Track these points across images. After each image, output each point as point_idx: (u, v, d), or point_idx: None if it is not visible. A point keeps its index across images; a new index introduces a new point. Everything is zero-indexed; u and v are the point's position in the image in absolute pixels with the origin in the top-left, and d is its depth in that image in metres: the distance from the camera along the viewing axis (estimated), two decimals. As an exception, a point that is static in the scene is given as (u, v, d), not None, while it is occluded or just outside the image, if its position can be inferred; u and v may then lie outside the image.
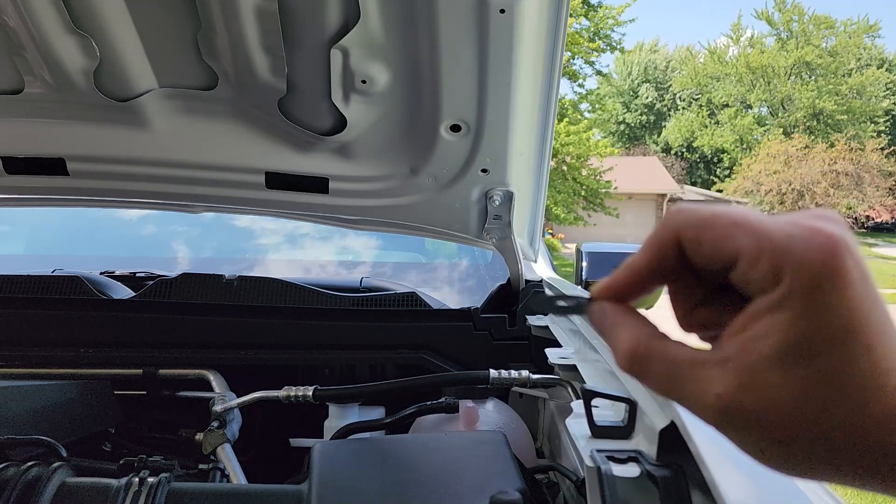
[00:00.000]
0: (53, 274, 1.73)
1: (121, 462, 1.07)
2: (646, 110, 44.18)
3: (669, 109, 43.31)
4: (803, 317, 0.32)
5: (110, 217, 2.70)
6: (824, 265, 0.32)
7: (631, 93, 44.52)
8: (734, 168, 33.73)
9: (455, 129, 1.32)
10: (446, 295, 2.14)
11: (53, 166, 1.49)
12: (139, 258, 2.48)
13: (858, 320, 0.32)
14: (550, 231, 21.38)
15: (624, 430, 0.77)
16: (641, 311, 0.40)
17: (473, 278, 2.42)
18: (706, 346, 0.40)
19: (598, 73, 20.29)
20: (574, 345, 1.29)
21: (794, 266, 0.32)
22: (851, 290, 0.32)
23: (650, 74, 44.63)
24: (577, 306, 0.43)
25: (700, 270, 0.37)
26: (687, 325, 0.41)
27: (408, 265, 2.64)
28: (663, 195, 30.33)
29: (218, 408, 1.35)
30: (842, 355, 0.31)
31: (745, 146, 35.91)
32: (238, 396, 1.38)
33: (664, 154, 41.26)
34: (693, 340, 0.40)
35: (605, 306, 0.40)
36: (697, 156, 41.13)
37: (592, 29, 17.81)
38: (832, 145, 27.51)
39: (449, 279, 2.47)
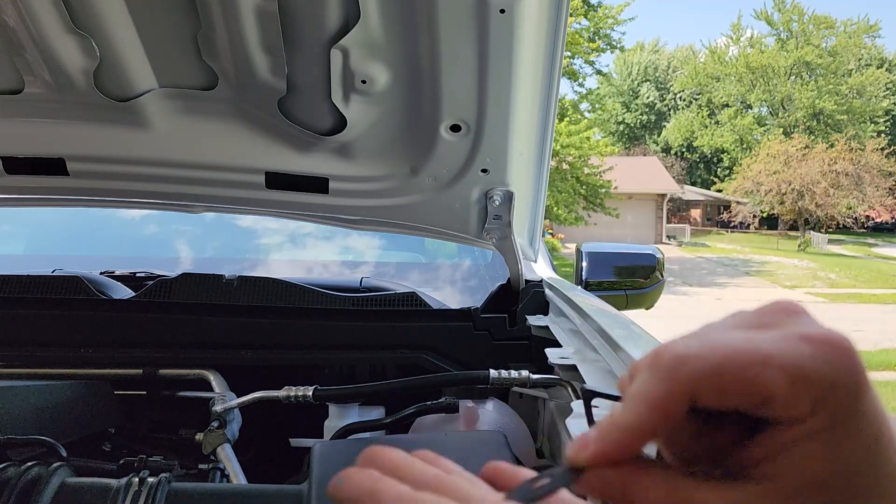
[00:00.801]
0: (53, 274, 1.73)
1: (121, 462, 1.08)
2: (646, 110, 44.21)
3: (670, 109, 43.34)
4: (843, 440, 0.31)
5: (110, 217, 2.70)
6: (857, 387, 0.32)
7: (631, 93, 44.55)
8: (734, 168, 33.76)
9: (455, 129, 1.32)
10: (446, 295, 2.14)
11: (53, 166, 1.49)
12: (139, 258, 2.48)
13: (880, 423, 0.32)
14: (550, 231, 21.41)
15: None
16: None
17: (473, 278, 2.42)
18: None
19: (598, 72, 20.32)
20: (574, 345, 1.29)
21: (832, 397, 0.31)
22: (873, 399, 0.32)
23: (650, 74, 44.66)
24: (564, 482, 0.36)
25: (709, 414, 0.34)
26: (681, 463, 0.37)
27: (408, 265, 2.64)
28: (663, 195, 30.37)
29: (218, 408, 1.35)
30: (873, 463, 0.32)
31: (744, 146, 35.95)
32: (238, 396, 1.38)
33: (664, 154, 41.29)
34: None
35: (608, 475, 0.35)
36: (697, 156, 41.17)
37: (592, 28, 17.84)
38: (832, 145, 27.52)
39: (449, 279, 2.47)
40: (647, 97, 43.87)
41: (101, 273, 1.88)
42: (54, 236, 2.78)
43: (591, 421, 0.79)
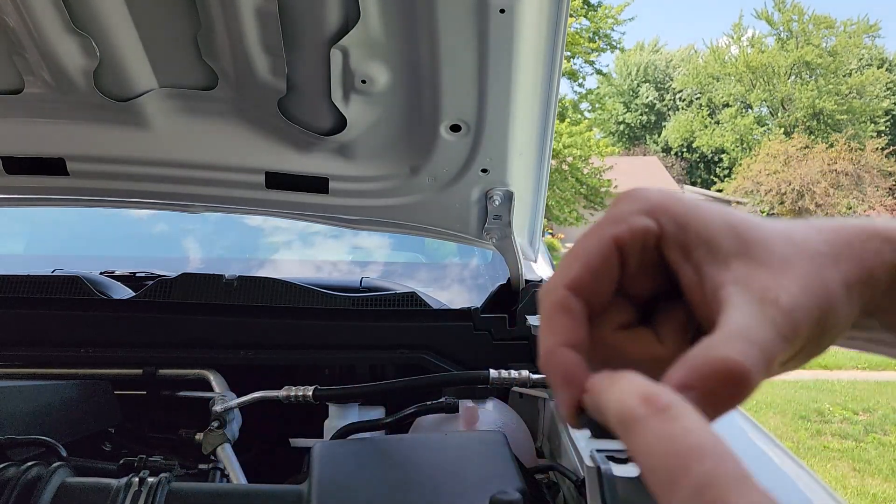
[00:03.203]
0: (53, 274, 1.72)
1: (121, 462, 1.08)
2: (646, 110, 44.21)
3: (669, 110, 43.34)
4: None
5: (110, 217, 2.70)
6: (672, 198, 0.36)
7: (631, 93, 44.54)
8: (734, 168, 33.74)
9: (455, 128, 1.32)
10: (446, 295, 2.14)
11: (53, 166, 1.49)
12: (139, 258, 2.48)
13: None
14: (550, 231, 21.40)
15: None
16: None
17: (473, 278, 2.42)
18: None
19: (598, 72, 20.33)
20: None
21: (662, 206, 0.35)
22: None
23: (650, 74, 44.66)
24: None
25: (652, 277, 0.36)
26: (598, 354, 0.36)
27: (408, 265, 2.64)
28: (663, 195, 30.31)
29: (218, 408, 1.35)
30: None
31: (744, 146, 35.94)
32: (238, 396, 1.38)
33: (664, 154, 41.29)
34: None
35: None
36: (697, 156, 41.15)
37: (592, 29, 17.84)
38: (831, 145, 27.51)
39: (449, 279, 2.47)
40: (647, 97, 43.87)
41: (101, 273, 1.88)
42: (54, 236, 2.78)
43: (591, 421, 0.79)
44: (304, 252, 2.75)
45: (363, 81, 1.24)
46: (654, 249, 0.35)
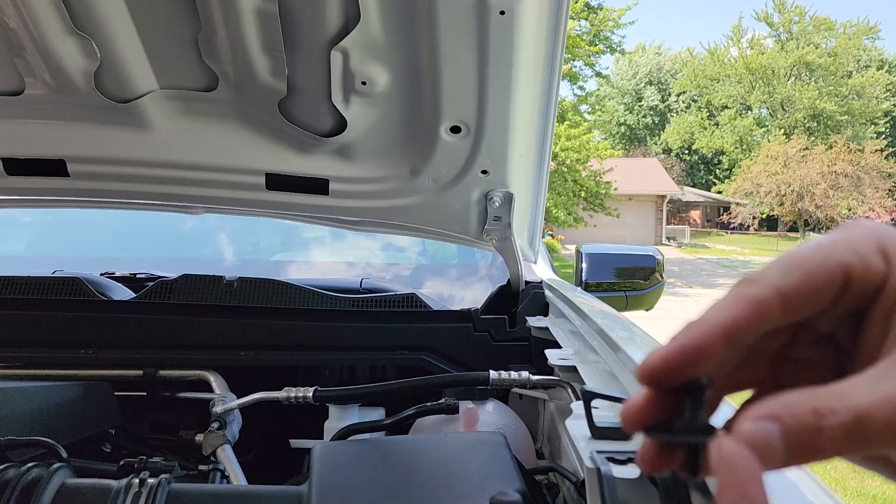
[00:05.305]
0: (53, 275, 1.73)
1: (121, 463, 1.07)
2: (650, 111, 44.27)
3: (672, 111, 43.39)
4: None
5: (111, 218, 2.70)
6: None
7: (634, 93, 44.59)
8: (734, 169, 33.77)
9: (455, 130, 1.32)
10: (446, 296, 2.14)
11: (54, 167, 1.49)
12: (139, 259, 2.48)
13: None
14: (550, 232, 21.41)
15: (624, 432, 0.77)
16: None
17: (473, 279, 2.43)
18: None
19: (598, 74, 20.34)
20: (574, 346, 1.29)
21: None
22: None
23: (653, 76, 44.72)
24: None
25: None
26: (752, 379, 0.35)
27: (408, 266, 2.65)
28: (663, 196, 30.37)
29: (218, 409, 1.35)
30: None
31: (744, 147, 35.97)
32: (238, 397, 1.38)
33: (664, 155, 41.32)
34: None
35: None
36: (697, 157, 41.20)
37: (592, 32, 17.85)
38: (830, 147, 27.52)
39: (449, 280, 2.47)
40: (652, 100, 43.94)
41: (101, 274, 1.88)
42: (55, 237, 2.78)
43: (591, 422, 0.79)
44: (304, 253, 2.75)
45: (363, 83, 1.24)
46: (861, 294, 0.31)
